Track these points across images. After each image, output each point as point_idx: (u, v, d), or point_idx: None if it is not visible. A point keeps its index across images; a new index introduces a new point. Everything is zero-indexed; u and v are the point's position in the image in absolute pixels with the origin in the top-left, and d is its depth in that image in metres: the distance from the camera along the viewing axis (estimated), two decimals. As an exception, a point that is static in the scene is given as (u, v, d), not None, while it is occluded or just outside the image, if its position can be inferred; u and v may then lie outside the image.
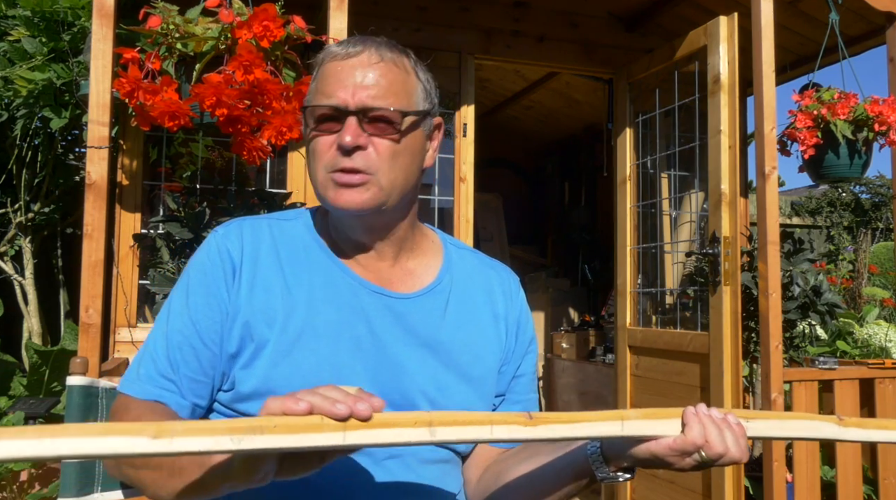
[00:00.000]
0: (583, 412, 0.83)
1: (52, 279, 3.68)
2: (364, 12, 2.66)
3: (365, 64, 1.00)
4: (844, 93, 3.01)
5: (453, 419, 0.75)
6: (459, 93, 3.42)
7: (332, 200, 0.99)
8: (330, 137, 0.99)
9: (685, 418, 0.87)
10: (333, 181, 0.99)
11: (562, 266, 6.16)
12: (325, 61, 1.03)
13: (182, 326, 1.01)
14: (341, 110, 0.98)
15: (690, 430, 0.86)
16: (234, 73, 1.97)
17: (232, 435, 0.67)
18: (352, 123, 0.98)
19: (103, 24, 2.20)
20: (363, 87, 0.98)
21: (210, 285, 1.02)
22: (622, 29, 3.80)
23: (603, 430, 0.83)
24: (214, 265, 1.02)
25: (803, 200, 9.95)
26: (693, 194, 3.63)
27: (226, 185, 2.66)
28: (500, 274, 1.20)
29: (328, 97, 0.99)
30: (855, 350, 3.50)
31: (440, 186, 3.45)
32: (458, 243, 1.20)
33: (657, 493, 3.29)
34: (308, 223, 1.10)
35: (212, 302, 1.01)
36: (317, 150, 1.01)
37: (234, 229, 1.06)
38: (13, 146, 3.20)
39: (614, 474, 0.93)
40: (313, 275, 1.04)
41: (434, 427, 0.74)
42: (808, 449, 2.80)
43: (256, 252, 1.04)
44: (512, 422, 0.78)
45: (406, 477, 0.98)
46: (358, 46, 1.01)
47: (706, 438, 0.86)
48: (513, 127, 6.27)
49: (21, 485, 2.73)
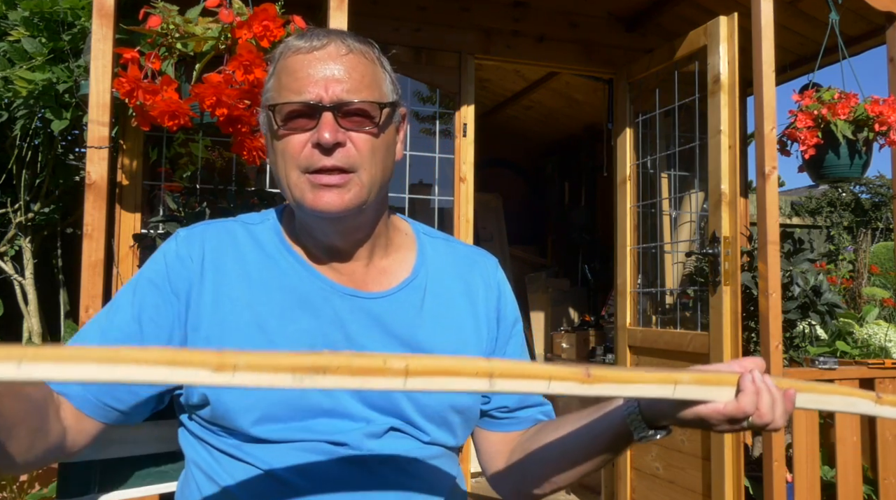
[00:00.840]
0: (637, 372, 0.81)
1: (52, 279, 3.68)
2: (364, 12, 2.66)
3: (334, 56, 0.95)
4: (844, 93, 3.01)
5: (513, 371, 0.74)
6: (459, 93, 3.42)
7: (310, 204, 0.94)
8: (302, 135, 0.93)
9: (742, 384, 0.84)
10: (311, 183, 0.93)
11: (562, 266, 6.16)
12: (285, 55, 0.97)
13: (123, 323, 0.97)
14: (316, 106, 0.93)
15: (745, 397, 0.84)
16: (235, 73, 1.97)
17: (294, 374, 0.66)
18: (328, 119, 0.92)
19: (103, 24, 2.19)
20: (336, 80, 0.93)
21: (163, 289, 0.97)
22: (622, 29, 3.80)
23: (655, 392, 0.81)
24: (172, 270, 0.98)
25: (803, 200, 9.95)
26: (693, 194, 3.63)
27: (226, 185, 2.66)
28: (476, 260, 1.14)
29: (298, 93, 0.93)
30: (855, 350, 3.50)
31: (440, 186, 3.45)
32: (431, 232, 1.15)
33: (657, 493, 3.29)
34: (275, 226, 1.05)
35: (161, 307, 0.96)
36: (287, 150, 0.94)
37: (196, 236, 1.01)
38: (13, 146, 3.20)
39: (652, 433, 0.92)
40: (283, 282, 0.99)
41: (494, 379, 0.72)
42: (808, 449, 2.80)
43: (220, 260, 0.99)
44: (570, 379, 0.76)
45: (397, 478, 0.96)
46: (322, 39, 0.96)
47: (758, 406, 0.84)
48: (513, 127, 6.27)
49: (21, 485, 2.73)
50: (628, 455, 3.48)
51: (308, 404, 0.93)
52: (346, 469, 0.94)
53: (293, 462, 0.92)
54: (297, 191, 0.94)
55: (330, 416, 0.94)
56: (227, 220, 1.06)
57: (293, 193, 0.95)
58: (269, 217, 1.06)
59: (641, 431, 0.91)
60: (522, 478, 1.06)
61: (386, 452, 0.95)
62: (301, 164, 0.94)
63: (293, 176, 0.94)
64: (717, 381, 0.85)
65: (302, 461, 0.92)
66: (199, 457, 0.98)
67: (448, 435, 1.02)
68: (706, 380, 0.85)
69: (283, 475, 0.92)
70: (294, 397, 0.93)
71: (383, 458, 0.95)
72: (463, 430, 1.05)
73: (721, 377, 0.86)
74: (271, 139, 0.98)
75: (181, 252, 0.99)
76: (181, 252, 0.99)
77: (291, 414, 0.93)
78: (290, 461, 0.92)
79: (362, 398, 0.96)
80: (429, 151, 3.42)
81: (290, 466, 0.92)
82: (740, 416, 0.84)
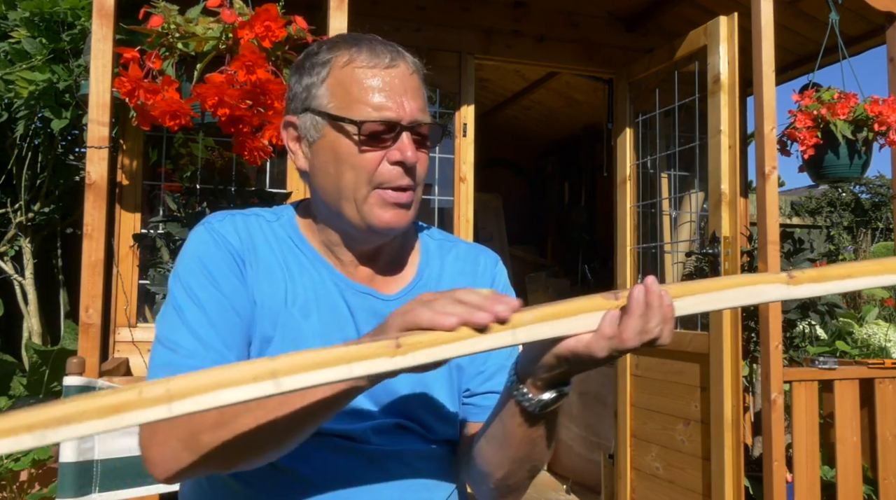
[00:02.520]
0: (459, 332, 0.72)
1: (52, 279, 3.68)
2: (364, 12, 2.66)
3: (405, 75, 0.97)
4: (844, 93, 3.01)
5: (299, 365, 0.68)
6: (459, 93, 3.42)
7: (377, 220, 0.95)
8: (379, 152, 0.95)
9: (631, 304, 0.75)
10: (383, 200, 0.95)
11: (562, 266, 6.16)
12: (350, 65, 0.96)
13: (215, 300, 0.94)
14: (396, 124, 0.94)
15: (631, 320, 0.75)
16: (237, 73, 1.97)
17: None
18: (408, 138, 0.95)
19: (103, 23, 2.20)
20: (412, 99, 0.96)
21: (229, 266, 0.96)
22: (622, 29, 3.80)
23: (484, 344, 0.72)
24: (222, 251, 0.97)
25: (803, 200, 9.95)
26: (693, 194, 3.63)
27: (226, 185, 2.66)
28: (477, 257, 1.14)
29: (379, 110, 0.94)
30: (855, 350, 3.50)
31: (440, 186, 3.45)
32: (433, 232, 1.16)
33: (657, 493, 3.29)
34: (289, 223, 1.06)
35: (238, 289, 0.96)
36: (361, 164, 0.94)
37: (227, 220, 1.01)
38: (13, 146, 3.20)
39: (541, 397, 0.82)
40: (303, 276, 1.01)
41: (279, 379, 0.67)
42: (808, 449, 2.80)
43: (254, 244, 1.00)
44: (378, 355, 0.70)
45: (404, 474, 0.97)
46: (390, 54, 0.97)
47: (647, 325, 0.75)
48: (513, 127, 6.28)
49: (21, 485, 2.73)
50: (628, 455, 3.48)
51: None
52: (353, 463, 0.95)
53: (300, 455, 0.93)
54: (366, 207, 0.95)
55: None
56: (242, 212, 1.05)
57: (360, 207, 0.95)
58: (282, 215, 1.07)
59: (523, 397, 0.83)
60: (469, 474, 1.04)
61: (393, 447, 0.97)
62: (376, 180, 0.95)
63: (363, 190, 0.95)
64: (563, 312, 0.75)
65: (310, 453, 0.93)
66: None
67: (454, 431, 1.04)
68: (551, 315, 0.75)
69: (290, 467, 0.93)
70: None
71: (390, 453, 0.97)
72: None
73: (564, 307, 0.75)
74: (335, 149, 0.96)
75: (222, 231, 0.99)
76: (222, 231, 0.99)
77: None
78: (298, 455, 0.93)
79: (370, 395, 0.97)
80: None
81: (297, 459, 0.93)
82: (626, 342, 0.75)
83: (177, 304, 0.95)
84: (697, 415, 3.05)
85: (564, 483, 4.46)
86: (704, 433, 3.00)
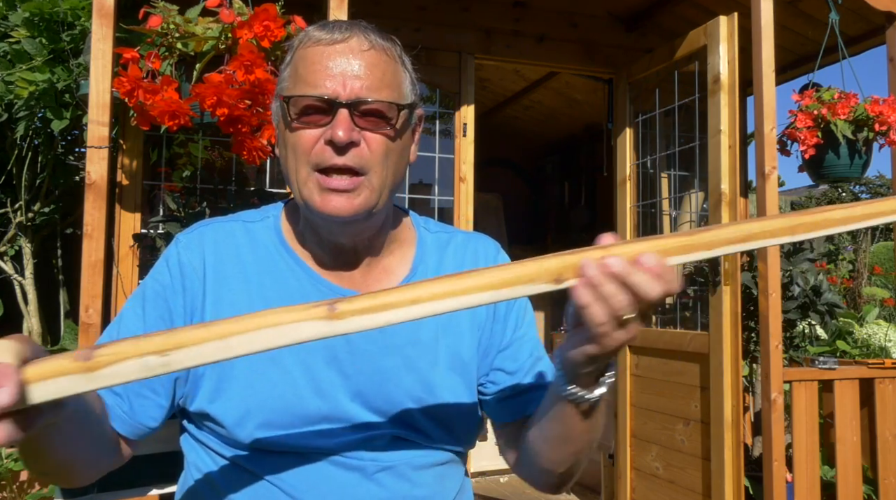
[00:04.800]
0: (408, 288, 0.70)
1: (52, 279, 3.68)
2: (364, 12, 2.65)
3: (355, 50, 0.91)
4: (844, 93, 3.01)
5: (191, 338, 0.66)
6: (459, 93, 3.42)
7: (318, 206, 0.90)
8: (315, 130, 0.90)
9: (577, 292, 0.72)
10: (319, 185, 0.90)
11: (562, 266, 6.14)
12: (304, 44, 0.93)
13: (131, 326, 0.97)
14: (332, 102, 0.89)
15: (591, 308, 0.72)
16: (235, 73, 1.97)
17: None
18: (344, 116, 0.88)
19: (103, 23, 2.19)
20: (355, 76, 0.89)
21: (169, 300, 0.97)
22: (622, 29, 3.80)
23: (431, 309, 0.69)
24: (175, 280, 0.97)
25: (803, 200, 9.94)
26: (693, 194, 3.63)
27: (225, 185, 2.66)
28: (476, 246, 1.09)
29: (314, 87, 0.89)
30: (855, 350, 3.50)
31: (440, 186, 3.45)
32: (431, 225, 1.10)
33: (657, 493, 3.29)
34: (275, 224, 1.02)
35: (166, 320, 0.96)
36: (299, 145, 0.90)
37: (195, 240, 0.99)
38: (13, 146, 3.20)
39: (594, 393, 0.82)
40: (281, 285, 0.97)
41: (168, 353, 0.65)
42: (808, 449, 2.80)
43: (220, 265, 0.97)
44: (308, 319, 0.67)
45: (400, 487, 0.94)
46: (344, 31, 0.92)
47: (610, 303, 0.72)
48: (513, 127, 6.27)
49: (21, 485, 2.73)
50: (628, 455, 3.48)
51: (306, 411, 0.93)
52: (345, 477, 0.92)
53: (293, 470, 0.92)
54: (306, 190, 0.91)
55: (329, 422, 0.93)
56: (226, 219, 1.03)
57: (301, 190, 0.92)
58: (269, 214, 1.04)
59: (578, 399, 0.83)
60: (530, 470, 1.02)
61: (387, 460, 0.94)
62: (312, 160, 0.90)
63: (303, 172, 0.91)
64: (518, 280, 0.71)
65: (302, 469, 0.92)
66: (199, 460, 0.98)
67: (451, 437, 1.00)
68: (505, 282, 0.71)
69: (282, 483, 0.92)
70: (292, 403, 0.92)
71: (384, 466, 0.94)
72: (466, 432, 1.02)
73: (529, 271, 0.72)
74: (283, 131, 0.94)
75: (183, 259, 0.98)
76: (183, 259, 0.98)
77: (290, 421, 0.92)
78: (291, 469, 0.92)
79: (364, 402, 0.95)
80: (429, 151, 3.42)
81: (289, 474, 0.92)
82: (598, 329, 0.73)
83: (121, 317, 1.00)
84: (697, 415, 3.05)
85: (564, 483, 4.46)
86: (704, 433, 3.00)
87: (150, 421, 0.98)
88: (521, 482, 4.56)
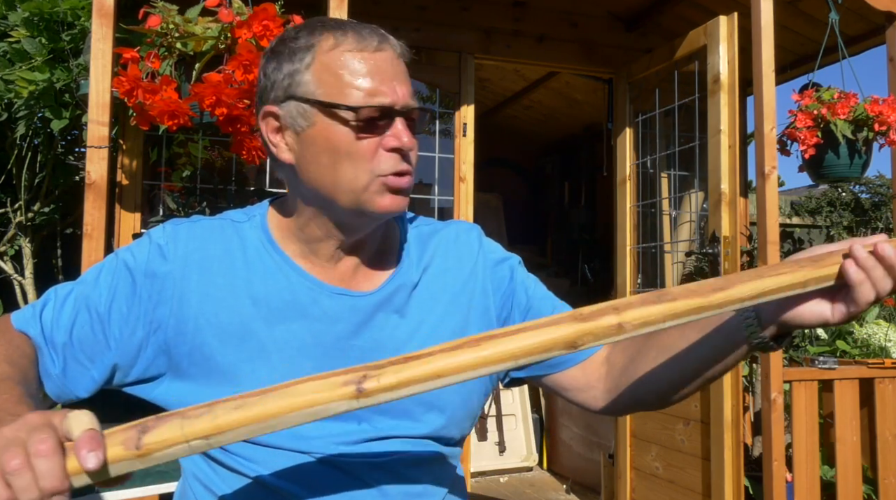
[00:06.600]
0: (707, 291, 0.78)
1: (52, 279, 3.68)
2: (364, 12, 2.65)
3: (393, 59, 0.93)
4: (844, 93, 3.01)
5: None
6: (459, 93, 3.42)
7: (380, 206, 0.92)
8: (374, 138, 0.91)
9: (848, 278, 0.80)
10: (387, 186, 0.91)
11: (562, 266, 6.16)
12: (338, 49, 0.91)
13: (97, 304, 0.94)
14: (391, 110, 0.91)
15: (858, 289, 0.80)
16: (234, 73, 1.97)
17: None
18: (402, 123, 0.92)
19: (103, 23, 2.20)
20: (402, 83, 0.92)
21: (139, 284, 0.94)
22: (622, 29, 3.80)
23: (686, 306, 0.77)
24: (152, 264, 0.95)
25: (803, 200, 9.95)
26: (693, 194, 3.63)
27: (225, 184, 2.66)
28: (458, 234, 1.10)
29: (373, 95, 0.90)
30: (854, 350, 3.50)
31: (440, 186, 3.45)
32: (411, 220, 1.11)
33: (657, 493, 3.29)
34: (262, 223, 1.01)
35: (132, 304, 0.94)
36: (360, 152, 0.90)
37: (182, 233, 0.98)
38: (13, 146, 3.20)
39: (771, 341, 0.88)
40: (270, 283, 0.96)
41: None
42: (808, 449, 2.80)
43: (207, 262, 0.96)
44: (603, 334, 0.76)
45: (395, 484, 0.94)
46: (378, 36, 0.93)
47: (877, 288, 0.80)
48: (513, 127, 6.28)
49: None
50: (628, 455, 3.48)
51: None
52: (337, 476, 0.92)
53: (290, 472, 0.91)
54: (366, 195, 0.91)
55: (321, 419, 0.93)
56: (214, 218, 1.02)
57: (359, 197, 0.92)
58: (255, 214, 1.03)
59: (762, 343, 0.88)
60: (635, 400, 1.03)
61: (377, 459, 0.94)
62: (376, 168, 0.91)
63: (363, 179, 0.91)
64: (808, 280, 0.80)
65: (298, 470, 0.92)
66: (196, 468, 0.98)
67: (444, 422, 0.99)
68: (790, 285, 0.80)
69: (273, 485, 0.92)
70: None
71: (375, 465, 0.94)
72: (462, 417, 1.01)
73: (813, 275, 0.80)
74: (326, 136, 0.92)
75: (165, 248, 0.96)
76: (165, 248, 0.96)
77: None
78: (287, 471, 0.91)
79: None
80: (429, 151, 3.42)
81: (286, 476, 0.91)
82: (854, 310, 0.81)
83: (84, 277, 0.98)
84: (697, 415, 3.05)
85: (564, 483, 4.46)
86: (704, 433, 3.00)
87: (80, 391, 0.95)
88: (521, 482, 4.58)
